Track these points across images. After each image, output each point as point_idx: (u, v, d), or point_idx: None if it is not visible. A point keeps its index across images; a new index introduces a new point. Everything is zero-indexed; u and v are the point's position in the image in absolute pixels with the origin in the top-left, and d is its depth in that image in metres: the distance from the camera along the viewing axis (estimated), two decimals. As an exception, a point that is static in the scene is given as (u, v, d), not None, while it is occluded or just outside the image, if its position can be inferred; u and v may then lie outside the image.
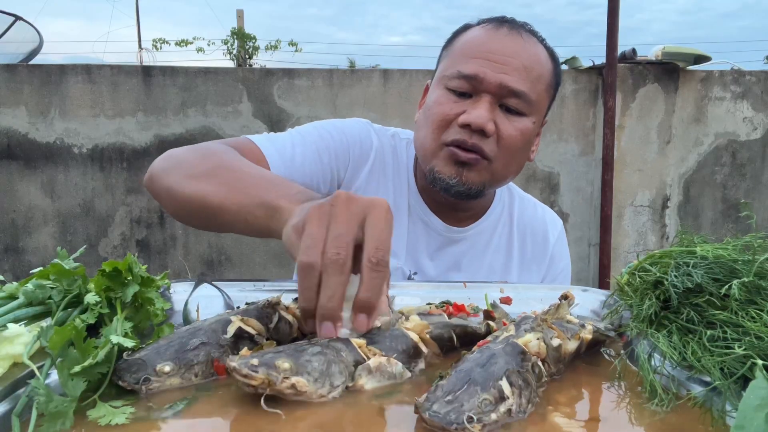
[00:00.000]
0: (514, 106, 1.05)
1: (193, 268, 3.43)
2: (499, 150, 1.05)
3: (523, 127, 1.07)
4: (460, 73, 1.05)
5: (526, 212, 1.30)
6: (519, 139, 1.07)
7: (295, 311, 0.72)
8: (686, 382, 0.59)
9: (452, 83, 1.06)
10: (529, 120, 1.08)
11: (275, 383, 0.52)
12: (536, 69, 1.06)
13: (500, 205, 1.27)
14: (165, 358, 0.59)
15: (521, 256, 1.27)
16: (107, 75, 3.29)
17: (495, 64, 1.03)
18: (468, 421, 0.48)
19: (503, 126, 1.05)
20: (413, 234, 1.19)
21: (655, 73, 3.43)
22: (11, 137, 3.28)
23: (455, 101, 1.06)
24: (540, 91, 1.08)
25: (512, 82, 1.03)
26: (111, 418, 0.50)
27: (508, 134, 1.05)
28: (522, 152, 1.11)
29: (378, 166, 1.19)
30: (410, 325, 0.67)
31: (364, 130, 1.21)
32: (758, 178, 3.62)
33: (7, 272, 3.36)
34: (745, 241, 0.65)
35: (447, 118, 1.05)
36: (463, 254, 1.22)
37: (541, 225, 1.30)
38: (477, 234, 1.23)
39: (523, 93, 1.04)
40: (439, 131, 1.06)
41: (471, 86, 1.04)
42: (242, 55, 9.55)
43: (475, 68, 1.03)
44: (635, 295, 0.70)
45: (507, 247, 1.26)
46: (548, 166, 3.50)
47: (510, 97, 1.04)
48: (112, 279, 0.65)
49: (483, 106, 1.03)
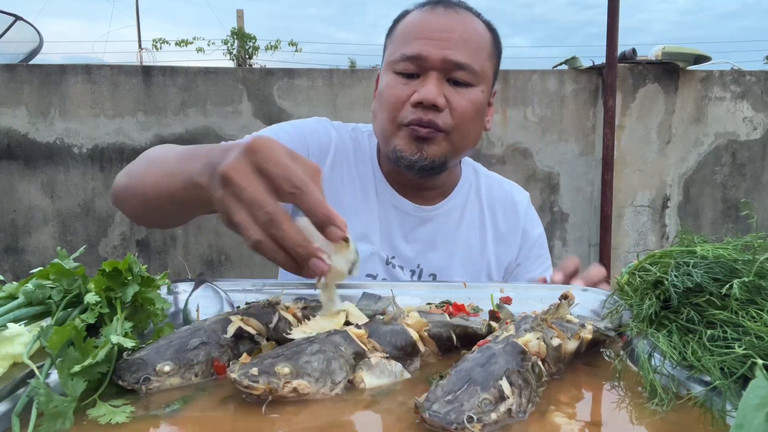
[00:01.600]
0: (461, 78, 1.09)
1: (193, 268, 3.43)
2: (454, 121, 1.09)
3: (473, 97, 1.11)
4: (404, 56, 1.09)
5: (493, 188, 1.34)
6: (471, 108, 1.11)
7: (295, 311, 0.72)
8: (686, 382, 0.59)
9: (399, 66, 1.10)
10: (478, 90, 1.12)
11: (277, 390, 0.53)
12: (475, 40, 1.11)
13: (467, 183, 1.31)
14: (165, 357, 0.59)
15: (494, 229, 1.30)
16: (107, 75, 3.29)
17: (436, 41, 1.08)
18: (468, 421, 0.48)
19: (453, 98, 1.09)
20: (384, 218, 1.22)
21: (655, 73, 3.43)
22: (11, 137, 3.28)
23: (404, 83, 1.10)
24: (482, 61, 1.12)
25: (454, 56, 1.07)
26: (111, 417, 0.50)
27: (459, 105, 1.09)
28: (476, 121, 1.15)
29: (340, 158, 1.22)
30: (410, 322, 0.68)
31: (321, 127, 1.25)
32: (758, 178, 3.62)
33: (7, 272, 3.36)
34: (745, 241, 0.65)
35: (400, 99, 1.09)
36: (436, 232, 1.24)
37: (509, 198, 1.34)
38: (447, 211, 1.26)
39: (466, 64, 1.08)
40: (395, 113, 1.10)
41: (417, 66, 1.08)
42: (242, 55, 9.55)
43: (417, 48, 1.08)
44: (635, 295, 0.70)
45: (480, 222, 1.29)
46: (548, 166, 3.50)
47: (455, 70, 1.08)
48: (112, 279, 0.65)
49: (431, 82, 1.07)
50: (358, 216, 1.20)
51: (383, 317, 0.69)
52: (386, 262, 1.20)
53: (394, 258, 1.20)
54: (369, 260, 1.18)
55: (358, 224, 1.19)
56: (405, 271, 1.21)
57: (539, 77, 3.43)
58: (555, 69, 3.57)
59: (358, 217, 1.20)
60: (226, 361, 0.62)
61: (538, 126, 3.46)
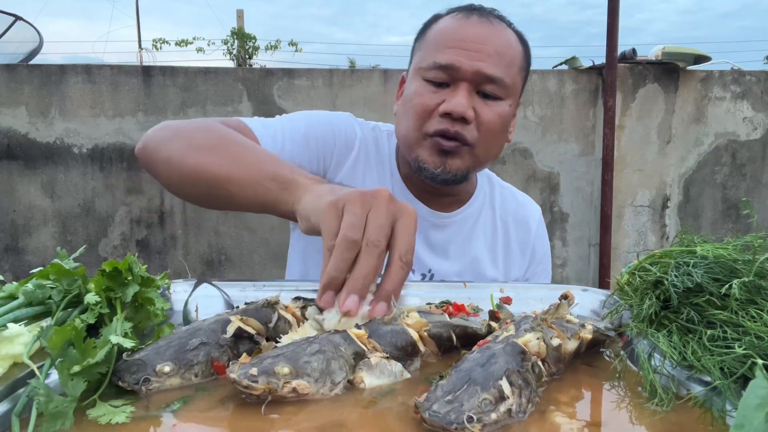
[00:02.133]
0: (491, 91, 1.08)
1: (193, 268, 3.43)
2: (480, 135, 1.09)
3: (501, 111, 1.10)
4: (437, 64, 1.07)
5: (507, 201, 1.33)
6: (498, 122, 1.10)
7: (294, 310, 0.72)
8: (686, 382, 0.59)
9: (429, 74, 1.09)
10: (506, 103, 1.11)
11: (276, 390, 0.53)
12: (508, 53, 1.10)
13: (482, 193, 1.30)
14: (165, 358, 0.59)
15: (505, 244, 1.30)
16: (107, 75, 3.29)
17: (469, 52, 1.06)
18: (468, 421, 0.48)
19: (482, 111, 1.08)
20: None
21: (655, 73, 3.42)
22: (11, 137, 3.28)
23: (434, 91, 1.08)
24: (514, 75, 1.11)
25: (487, 69, 1.06)
26: (111, 417, 0.50)
27: (487, 119, 1.08)
28: (502, 135, 1.15)
29: (362, 156, 1.21)
30: (410, 322, 0.68)
31: (348, 122, 1.24)
32: (758, 178, 3.62)
33: (7, 272, 3.36)
34: (745, 241, 0.65)
35: (428, 108, 1.08)
36: (450, 240, 1.24)
37: (521, 213, 1.33)
38: (462, 220, 1.26)
39: (498, 78, 1.07)
40: (421, 122, 1.09)
41: (448, 75, 1.07)
42: (242, 55, 9.55)
43: (450, 58, 1.06)
44: (635, 295, 0.70)
45: (491, 234, 1.29)
46: (548, 166, 3.50)
47: (486, 83, 1.07)
48: (112, 279, 0.65)
49: (461, 93, 1.06)
50: None
51: (383, 317, 0.69)
52: None
53: None
54: None
55: None
56: (416, 274, 1.21)
57: (539, 77, 3.43)
58: (555, 69, 3.57)
59: None
60: (226, 361, 0.62)
61: (538, 126, 3.46)
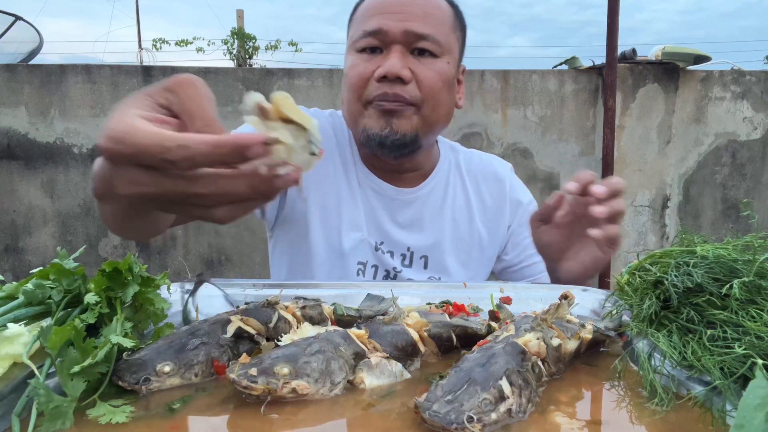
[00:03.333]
0: (425, 47, 1.08)
1: (193, 268, 3.43)
2: (422, 93, 1.08)
3: (439, 69, 1.10)
4: (365, 32, 1.08)
5: (472, 161, 1.33)
6: (438, 79, 1.09)
7: (294, 310, 0.72)
8: (686, 382, 0.59)
9: (360, 44, 1.10)
10: (443, 61, 1.10)
11: (276, 390, 0.53)
12: (436, 13, 1.10)
13: (446, 162, 1.30)
14: (165, 358, 0.59)
15: (481, 203, 1.29)
16: (107, 75, 3.29)
17: (395, 14, 1.07)
18: (468, 421, 0.48)
19: (419, 69, 1.08)
20: (367, 204, 1.21)
21: (655, 73, 3.42)
22: (11, 137, 3.28)
23: (367, 59, 1.09)
24: (446, 33, 1.11)
25: (416, 27, 1.06)
26: (111, 416, 0.50)
27: (425, 76, 1.08)
28: (446, 95, 1.13)
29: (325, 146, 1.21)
30: (410, 322, 0.68)
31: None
32: (758, 178, 3.62)
33: (7, 272, 3.35)
34: (745, 241, 0.65)
35: (364, 76, 1.08)
36: (422, 213, 1.23)
37: (489, 169, 1.33)
38: (430, 191, 1.25)
39: (429, 35, 1.07)
40: (360, 92, 1.09)
41: (378, 41, 1.08)
42: (242, 55, 9.54)
43: (377, 23, 1.07)
44: (635, 295, 0.70)
45: (464, 198, 1.28)
46: (548, 166, 3.50)
47: (418, 41, 1.07)
48: (112, 279, 0.65)
49: (394, 55, 1.06)
50: (345, 204, 1.19)
51: (384, 318, 0.69)
52: (375, 248, 1.19)
53: (383, 244, 1.20)
54: (358, 248, 1.18)
55: (345, 212, 1.19)
56: (396, 256, 1.21)
57: (539, 77, 3.43)
58: (555, 69, 3.57)
59: (345, 204, 1.19)
60: (226, 361, 0.62)
61: (538, 126, 3.46)
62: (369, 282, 1.02)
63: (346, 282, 0.99)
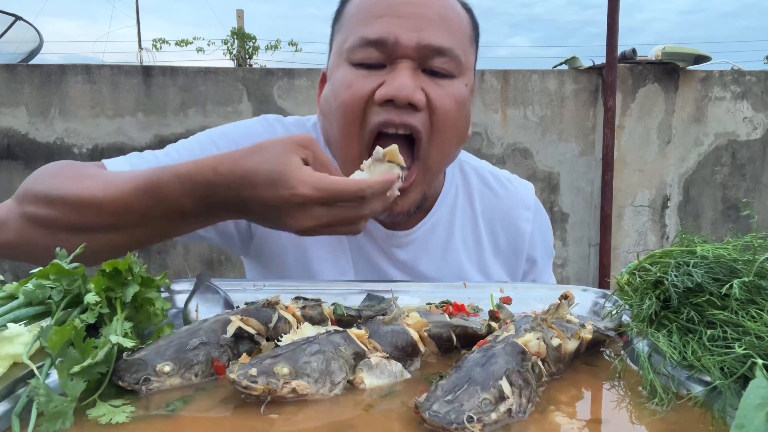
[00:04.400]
0: (441, 67, 0.84)
1: (193, 268, 3.43)
2: (434, 127, 0.84)
3: (457, 93, 0.85)
4: (365, 40, 0.82)
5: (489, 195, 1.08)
6: (455, 109, 0.85)
7: (294, 310, 0.72)
8: (686, 382, 0.59)
9: (357, 55, 0.83)
10: (461, 83, 0.87)
11: (276, 390, 0.53)
12: (455, 18, 0.86)
13: (453, 189, 1.05)
14: (165, 358, 0.59)
15: (494, 245, 1.07)
16: (107, 75, 3.29)
17: (406, 19, 0.81)
18: (468, 421, 0.48)
19: (435, 94, 0.83)
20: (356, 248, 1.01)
21: (655, 73, 3.42)
22: (11, 137, 3.28)
23: (366, 76, 0.83)
24: (465, 46, 0.88)
25: (434, 38, 0.82)
26: (111, 417, 0.50)
27: (441, 104, 0.83)
28: (460, 126, 0.89)
29: None
30: (410, 322, 0.68)
31: (259, 127, 1.00)
32: (758, 178, 3.62)
33: (7, 272, 3.35)
34: (745, 241, 0.65)
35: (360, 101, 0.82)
36: (419, 254, 1.01)
37: (510, 213, 1.08)
38: (429, 230, 1.02)
39: (449, 49, 0.83)
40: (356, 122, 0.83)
41: (382, 54, 0.82)
42: (242, 55, 9.54)
43: (382, 29, 0.81)
44: (635, 295, 0.70)
45: (474, 238, 1.06)
46: (548, 166, 3.50)
47: (434, 58, 0.83)
48: (112, 279, 0.65)
49: (403, 72, 0.81)
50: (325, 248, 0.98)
51: (384, 318, 0.69)
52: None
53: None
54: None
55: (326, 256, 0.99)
56: None
57: (539, 77, 3.43)
58: (555, 69, 3.57)
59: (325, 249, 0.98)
60: (226, 361, 0.62)
61: (538, 126, 3.46)
62: (369, 282, 1.01)
63: (346, 282, 0.99)
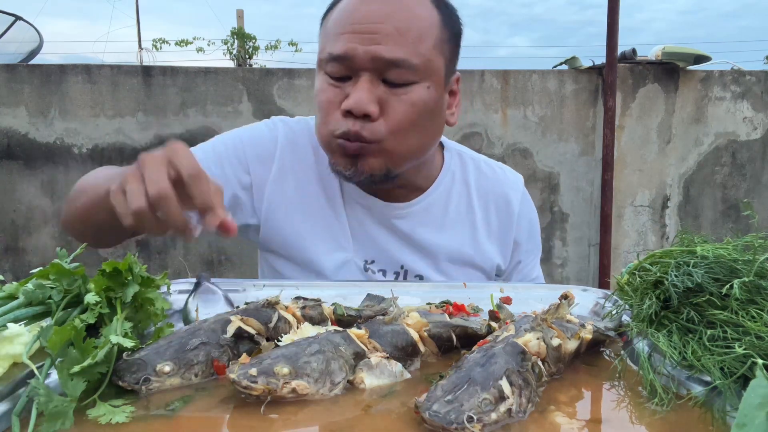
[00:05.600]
0: (396, 78, 0.94)
1: (193, 268, 3.43)
2: (389, 130, 0.95)
3: (414, 98, 0.96)
4: (331, 55, 0.95)
5: (484, 177, 1.20)
6: (411, 112, 0.96)
7: (294, 310, 0.72)
8: (686, 382, 0.59)
9: (328, 67, 0.97)
10: (421, 87, 0.97)
11: (276, 390, 0.53)
12: (414, 27, 0.95)
13: (449, 174, 1.17)
14: (165, 358, 0.59)
15: (487, 226, 1.17)
16: (107, 75, 3.29)
17: (363, 35, 0.93)
18: (468, 421, 0.48)
19: (389, 103, 0.95)
20: (354, 220, 1.11)
21: (655, 73, 3.42)
22: (11, 137, 3.28)
23: (336, 86, 0.97)
24: (425, 51, 0.96)
25: (386, 52, 0.92)
26: (111, 417, 0.50)
27: (395, 111, 0.95)
28: (422, 124, 0.99)
29: (288, 162, 1.11)
30: (410, 322, 0.68)
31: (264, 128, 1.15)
32: (758, 178, 3.62)
33: (7, 272, 3.35)
34: (745, 241, 0.65)
35: (331, 107, 0.97)
36: (415, 230, 1.11)
37: (501, 189, 1.20)
38: (425, 208, 1.13)
39: (401, 60, 0.93)
40: (328, 122, 0.98)
41: (345, 67, 0.95)
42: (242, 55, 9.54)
43: (343, 46, 0.94)
44: (635, 295, 0.70)
45: (468, 218, 1.16)
46: (548, 166, 3.50)
47: (389, 69, 0.94)
48: (112, 279, 0.65)
49: (362, 86, 0.93)
50: (325, 222, 1.10)
51: (384, 318, 0.69)
52: (364, 268, 1.10)
53: (373, 262, 1.11)
54: (344, 268, 1.09)
55: (325, 231, 1.09)
56: (388, 275, 1.11)
57: (539, 77, 3.43)
58: (555, 69, 3.57)
59: (325, 222, 1.10)
60: (226, 361, 0.62)
61: (538, 126, 3.46)
62: (369, 282, 1.01)
63: (346, 282, 0.99)
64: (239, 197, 1.10)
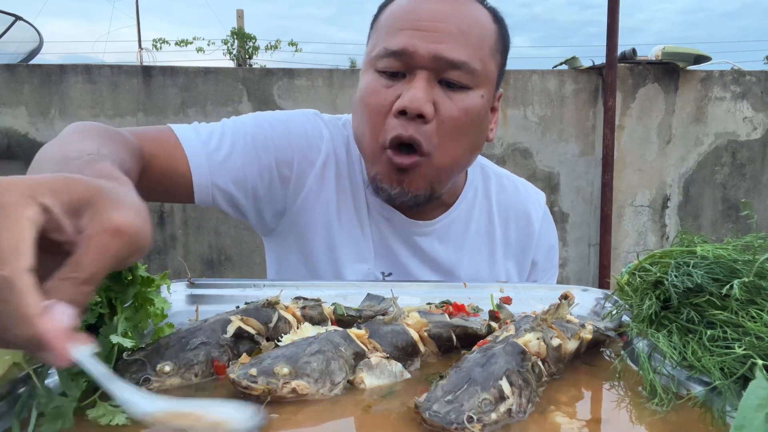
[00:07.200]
0: (455, 79, 0.91)
1: (193, 268, 3.43)
2: (439, 136, 0.92)
3: (469, 104, 0.93)
4: (387, 50, 0.92)
5: (505, 193, 1.18)
6: (464, 119, 0.93)
7: (294, 310, 0.72)
8: (686, 382, 0.59)
9: (381, 63, 0.93)
10: (477, 94, 0.94)
11: (276, 390, 0.53)
12: (475, 32, 0.93)
13: (472, 189, 1.14)
14: (165, 358, 0.59)
15: (505, 243, 1.16)
16: (107, 75, 3.29)
17: (425, 32, 0.90)
18: (468, 421, 0.48)
19: (444, 105, 0.91)
20: (377, 233, 1.08)
21: (655, 73, 3.42)
22: (11, 137, 3.28)
23: (388, 85, 0.93)
24: (484, 58, 0.94)
25: (448, 51, 0.90)
26: (111, 417, 0.50)
27: (449, 115, 0.91)
28: (471, 134, 0.96)
29: (331, 161, 1.07)
30: (410, 322, 0.68)
31: (311, 121, 1.09)
32: (758, 178, 3.62)
33: (7, 272, 3.35)
34: (745, 241, 0.65)
35: (382, 109, 0.92)
36: (436, 247, 1.10)
37: (522, 207, 1.18)
38: (448, 225, 1.11)
39: (462, 63, 0.91)
40: (377, 126, 0.93)
41: (402, 64, 0.91)
42: (242, 55, 9.55)
43: (402, 41, 0.90)
44: (635, 295, 0.70)
45: (488, 234, 1.14)
46: (548, 166, 3.50)
47: (449, 70, 0.91)
48: (112, 279, 0.65)
49: (418, 84, 0.90)
50: (349, 231, 1.07)
51: (384, 318, 0.69)
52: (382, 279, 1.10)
53: (390, 275, 1.10)
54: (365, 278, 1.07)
55: (350, 240, 1.07)
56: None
57: (539, 77, 3.43)
58: (555, 69, 3.57)
59: (349, 232, 1.07)
60: (226, 361, 0.62)
61: (538, 126, 3.46)
62: (369, 282, 1.01)
63: (346, 282, 0.99)
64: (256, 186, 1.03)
